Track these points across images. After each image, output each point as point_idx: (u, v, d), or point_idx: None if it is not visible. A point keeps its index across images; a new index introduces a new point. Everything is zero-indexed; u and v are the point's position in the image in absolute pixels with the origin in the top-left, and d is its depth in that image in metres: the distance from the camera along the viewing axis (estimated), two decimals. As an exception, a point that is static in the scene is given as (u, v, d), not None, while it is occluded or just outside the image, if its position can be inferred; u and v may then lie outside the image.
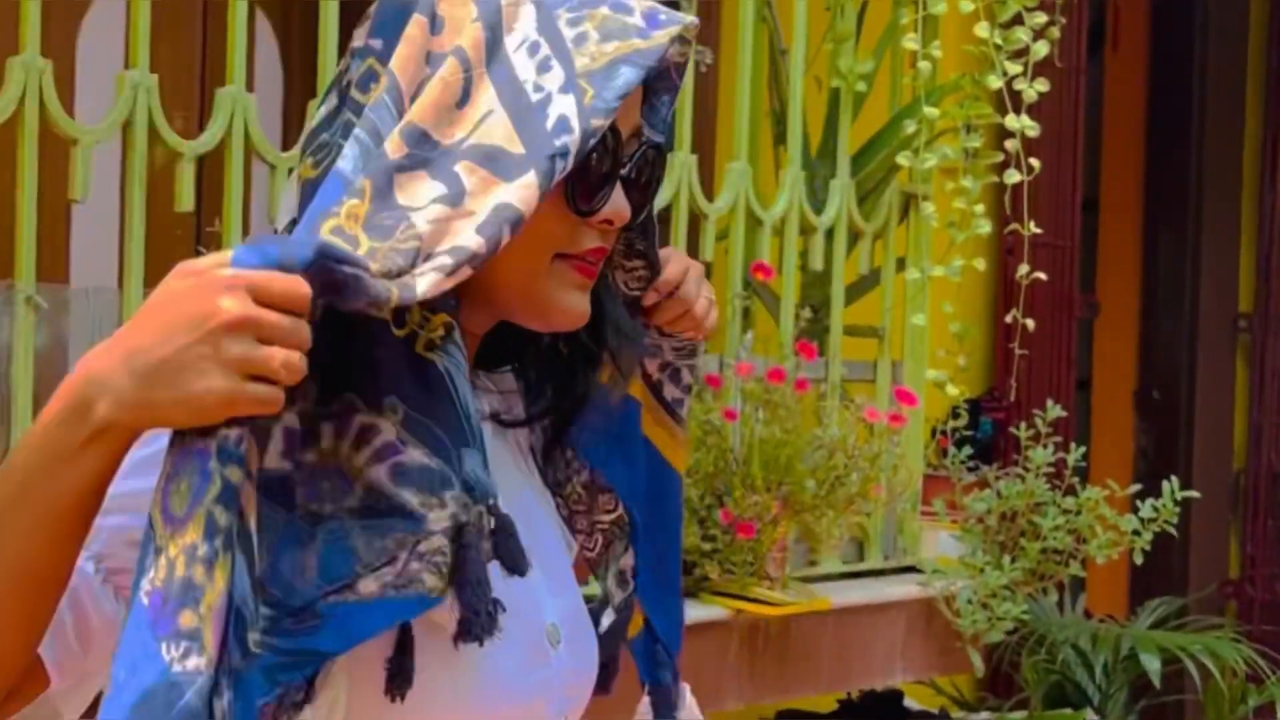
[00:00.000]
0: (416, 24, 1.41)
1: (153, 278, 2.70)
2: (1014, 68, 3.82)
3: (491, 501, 1.37)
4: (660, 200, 3.44)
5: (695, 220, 3.56)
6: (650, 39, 1.41)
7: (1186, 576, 6.06)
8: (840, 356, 3.82)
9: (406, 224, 1.34)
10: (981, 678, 4.34)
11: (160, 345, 1.22)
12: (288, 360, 1.23)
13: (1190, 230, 6.38)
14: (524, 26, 1.41)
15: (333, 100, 1.43)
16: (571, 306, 1.46)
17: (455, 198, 1.35)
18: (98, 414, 1.24)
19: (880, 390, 3.97)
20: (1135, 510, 3.83)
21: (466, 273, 1.34)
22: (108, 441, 1.25)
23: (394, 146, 1.37)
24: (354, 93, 1.41)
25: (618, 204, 1.44)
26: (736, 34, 3.72)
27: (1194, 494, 3.88)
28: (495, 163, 1.36)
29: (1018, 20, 3.85)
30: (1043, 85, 3.83)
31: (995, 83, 3.82)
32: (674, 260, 1.65)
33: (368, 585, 1.32)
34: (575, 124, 1.37)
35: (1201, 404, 6.34)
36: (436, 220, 1.34)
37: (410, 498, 1.33)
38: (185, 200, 2.78)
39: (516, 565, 1.39)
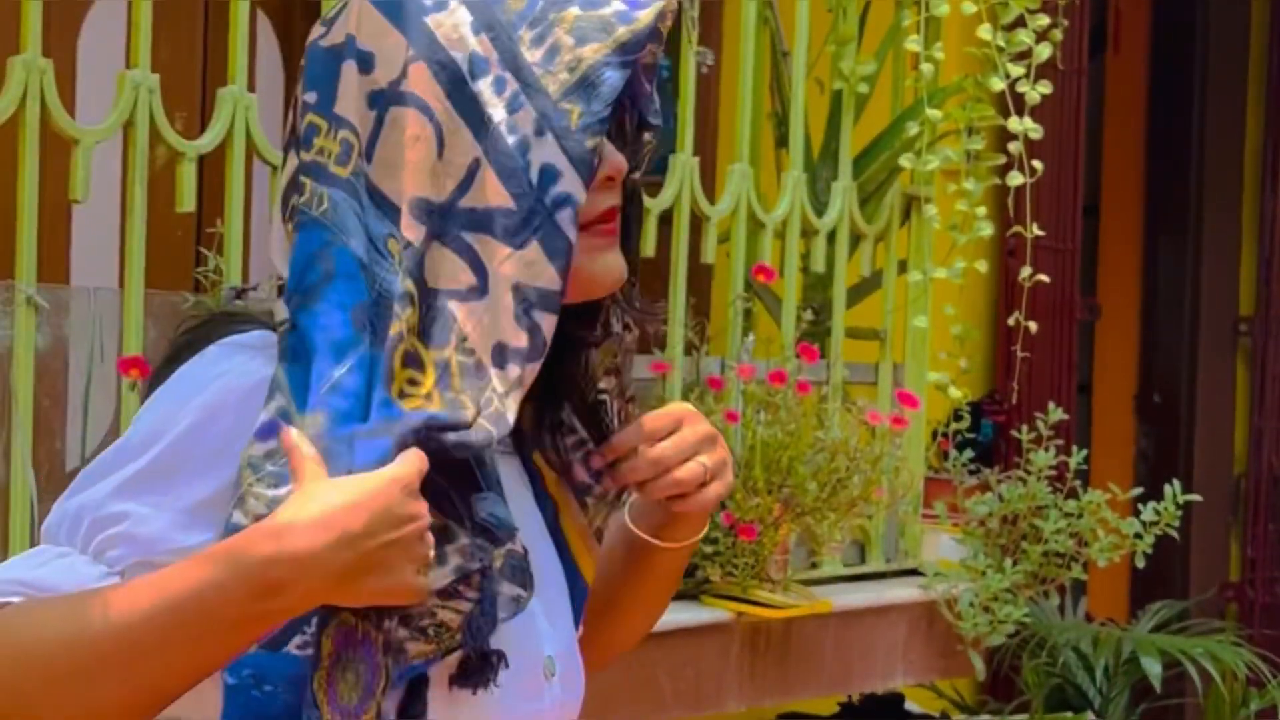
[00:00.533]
0: (347, 70, 1.39)
1: (153, 278, 2.70)
2: (1016, 70, 3.82)
3: (512, 538, 1.38)
4: (661, 203, 3.44)
5: (697, 222, 3.55)
6: (634, 22, 1.38)
7: (1187, 580, 6.05)
8: (842, 359, 3.81)
9: (454, 331, 1.35)
10: (982, 681, 4.34)
11: (371, 536, 1.25)
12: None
13: (1191, 234, 6.37)
14: (478, 51, 1.37)
15: (291, 160, 1.43)
16: (608, 271, 1.46)
17: (482, 287, 1.35)
18: (293, 595, 1.25)
19: (882, 393, 3.97)
20: (1137, 514, 3.83)
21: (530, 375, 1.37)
22: (282, 616, 1.27)
23: (410, 230, 1.36)
24: (302, 153, 1.40)
25: (613, 159, 1.43)
26: (738, 36, 3.72)
27: (1195, 497, 3.87)
28: (497, 226, 1.36)
29: (1020, 22, 3.85)
30: (1045, 87, 3.82)
31: (998, 85, 3.82)
32: (665, 413, 1.58)
33: None
34: (563, 165, 1.36)
35: (1202, 408, 6.33)
36: (479, 322, 1.35)
37: None
38: (186, 201, 2.77)
39: (527, 589, 1.41)
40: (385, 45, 1.38)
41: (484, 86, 1.37)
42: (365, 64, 1.39)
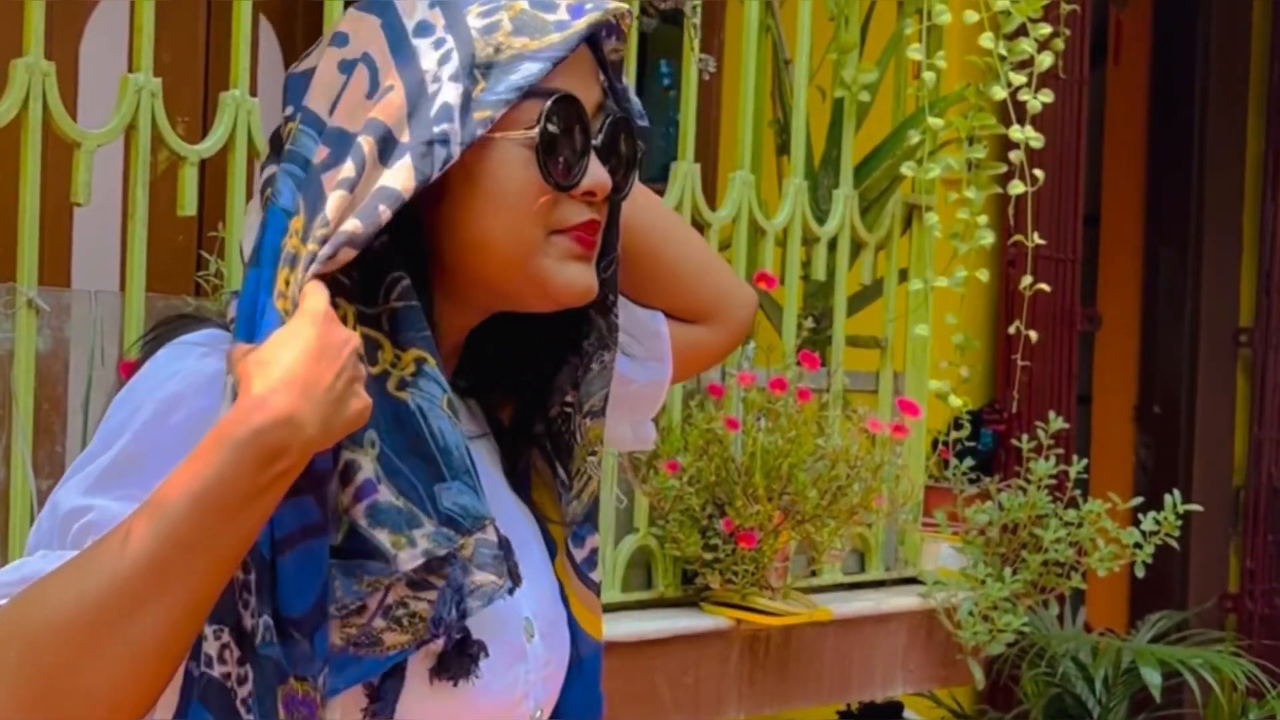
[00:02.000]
0: (326, 54, 1.46)
1: (155, 282, 2.70)
2: (1018, 79, 3.82)
3: (483, 527, 1.40)
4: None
5: (698, 229, 3.55)
6: (568, 29, 1.43)
7: (1186, 590, 6.05)
8: (842, 367, 3.81)
9: (321, 217, 1.38)
10: (981, 690, 4.33)
11: (324, 376, 1.29)
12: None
13: (1191, 245, 6.37)
14: (428, 18, 1.43)
15: (271, 164, 1.48)
16: (573, 279, 1.47)
17: (355, 181, 1.39)
18: (291, 456, 1.28)
19: (882, 401, 3.97)
20: (1137, 524, 3.83)
21: (348, 254, 1.37)
22: (287, 478, 1.29)
23: (319, 154, 1.41)
24: (286, 148, 1.45)
25: (596, 174, 1.46)
26: (740, 43, 3.71)
27: (1195, 507, 3.87)
28: (385, 144, 1.40)
29: (1022, 31, 3.85)
30: (1047, 96, 3.82)
31: (1000, 94, 3.82)
32: None
33: (334, 635, 1.36)
34: (456, 113, 1.39)
35: (1202, 419, 6.34)
36: (339, 208, 1.38)
37: (383, 538, 1.36)
38: (188, 204, 2.77)
39: (516, 581, 1.43)
40: (361, 27, 1.46)
41: (423, 44, 1.43)
42: (340, 40, 1.46)
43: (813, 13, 3.78)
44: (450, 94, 1.40)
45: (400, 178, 1.38)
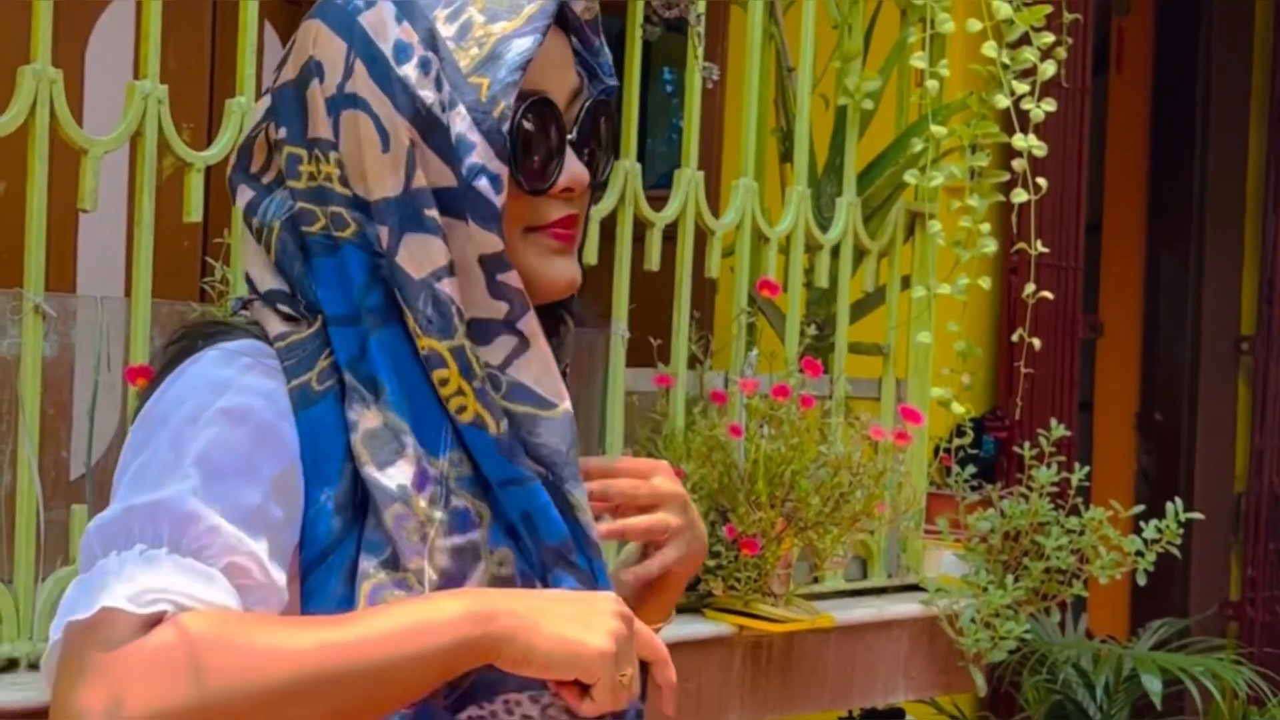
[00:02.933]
0: (313, 91, 1.44)
1: (160, 288, 2.70)
2: (1021, 87, 3.83)
3: None
4: (666, 217, 3.44)
5: (701, 236, 3.56)
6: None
7: (1187, 598, 6.05)
8: (845, 374, 3.81)
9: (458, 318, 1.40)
10: (983, 697, 4.34)
11: (572, 622, 1.33)
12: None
13: (1192, 253, 6.38)
14: (401, 38, 1.42)
15: (245, 192, 1.48)
16: (557, 274, 1.48)
17: (453, 262, 1.40)
18: (491, 658, 1.31)
19: (885, 408, 3.97)
20: (1138, 531, 3.83)
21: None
22: (481, 659, 1.32)
23: (381, 238, 1.41)
24: (292, 183, 1.45)
25: (572, 171, 1.46)
26: (744, 51, 3.72)
27: (1197, 515, 3.87)
28: (447, 202, 1.40)
29: (1025, 40, 3.86)
30: (1050, 105, 3.83)
31: (1003, 102, 3.83)
32: (645, 460, 1.64)
33: None
34: (475, 137, 1.39)
35: (1203, 426, 6.34)
36: (460, 299, 1.41)
37: None
38: (194, 211, 2.77)
39: None
40: (331, 53, 1.44)
41: (410, 70, 1.41)
42: (320, 74, 1.44)
43: (816, 21, 3.79)
44: (459, 123, 1.40)
45: (489, 241, 1.40)
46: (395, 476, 1.38)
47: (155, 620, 1.25)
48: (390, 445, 1.38)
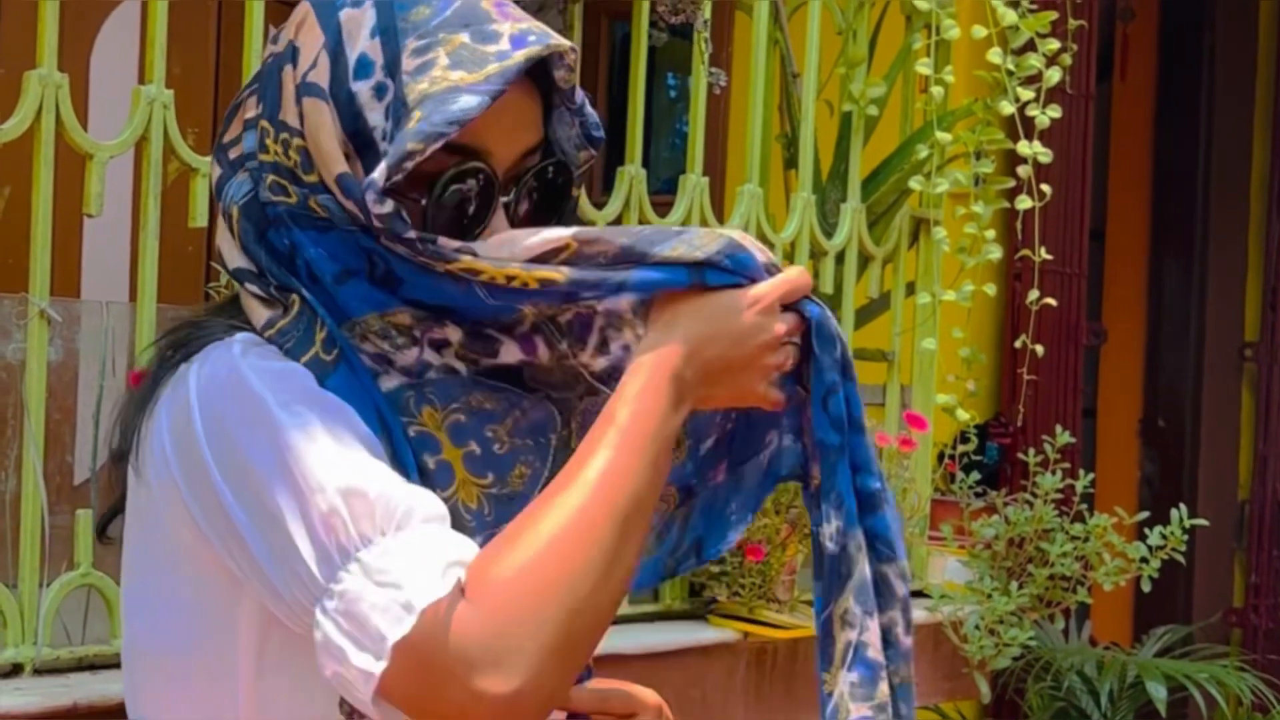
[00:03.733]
0: (286, 73, 1.45)
1: (165, 293, 2.70)
2: (1026, 94, 3.83)
3: None
4: (671, 221, 3.44)
5: (706, 242, 3.55)
6: (508, 60, 1.40)
7: (1191, 605, 6.05)
8: (849, 380, 3.80)
9: None
10: (987, 704, 4.33)
11: (726, 354, 1.43)
12: (793, 357, 1.47)
13: (1196, 259, 6.38)
14: (368, 53, 1.42)
15: (217, 170, 1.50)
16: None
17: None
18: (683, 409, 1.42)
19: (889, 414, 3.97)
20: (1143, 538, 3.83)
21: None
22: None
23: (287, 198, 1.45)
24: (261, 155, 1.46)
25: (495, 229, 1.45)
26: (749, 57, 3.72)
27: (1202, 522, 3.87)
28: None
29: (1030, 47, 3.86)
30: (1055, 111, 3.83)
31: (1007, 108, 3.83)
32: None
33: None
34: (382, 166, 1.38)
35: (1207, 433, 6.34)
36: None
37: None
38: (199, 216, 2.77)
39: None
40: (309, 40, 1.44)
41: (364, 87, 1.41)
42: (294, 59, 1.45)
43: (821, 27, 3.79)
44: (394, 154, 1.39)
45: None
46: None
47: (460, 588, 1.29)
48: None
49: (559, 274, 1.40)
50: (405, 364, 1.44)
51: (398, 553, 1.29)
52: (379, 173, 1.37)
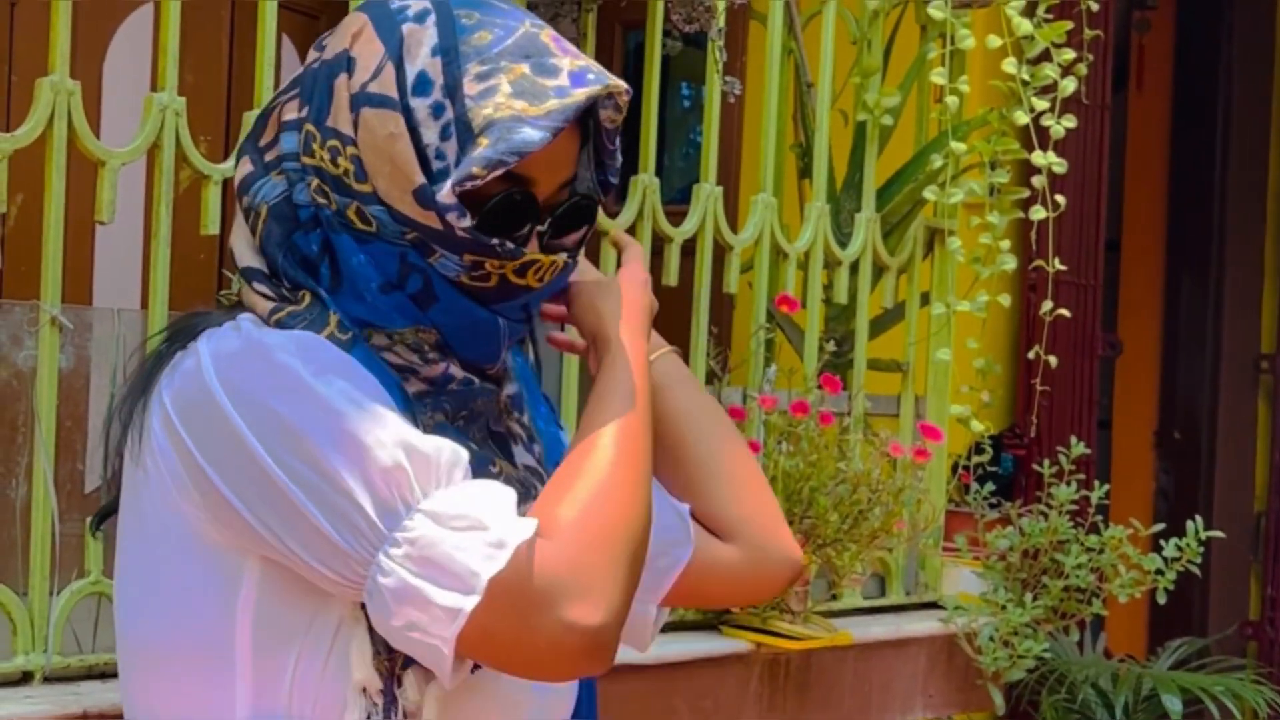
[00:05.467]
0: (340, 82, 1.47)
1: (177, 301, 2.69)
2: (1041, 104, 3.81)
3: None
4: (685, 233, 3.43)
5: (720, 252, 3.55)
6: (568, 98, 1.43)
7: (1206, 617, 6.03)
8: (864, 390, 3.80)
9: None
10: (1001, 716, 4.31)
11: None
12: None
13: (1212, 271, 6.36)
14: (428, 71, 1.44)
15: (246, 164, 1.53)
16: None
17: None
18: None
19: (904, 425, 3.95)
20: (1158, 550, 3.81)
21: None
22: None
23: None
24: (304, 158, 1.48)
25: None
26: (763, 67, 3.71)
27: (1218, 533, 3.86)
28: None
29: (1045, 56, 3.84)
30: (1070, 121, 3.82)
31: (1023, 118, 3.81)
32: None
33: None
34: (448, 193, 1.43)
35: (1222, 445, 6.31)
36: None
37: None
38: (211, 223, 2.77)
39: None
40: (367, 51, 1.46)
41: (421, 104, 1.44)
42: (350, 69, 1.47)
43: (835, 37, 3.78)
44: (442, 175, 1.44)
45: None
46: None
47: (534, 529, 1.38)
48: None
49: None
50: (430, 376, 1.49)
51: (470, 499, 1.37)
52: (445, 190, 1.41)
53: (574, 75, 1.45)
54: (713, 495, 1.68)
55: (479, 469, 1.45)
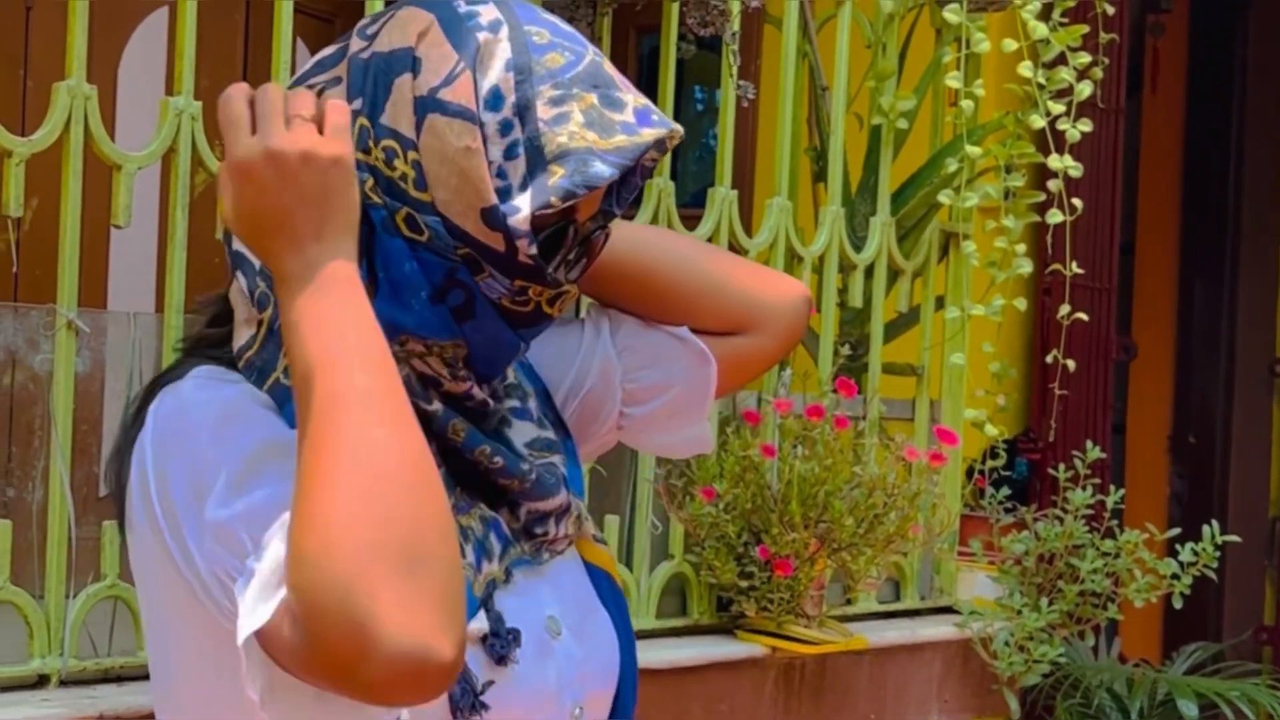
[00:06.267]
0: (403, 82, 1.41)
1: (192, 304, 2.69)
2: (1057, 107, 3.81)
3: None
4: (700, 236, 3.43)
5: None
6: (636, 136, 1.42)
7: (1221, 622, 6.01)
8: (879, 394, 3.79)
9: None
10: (1016, 721, 4.31)
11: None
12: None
13: (1227, 275, 6.35)
14: (496, 85, 1.40)
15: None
16: None
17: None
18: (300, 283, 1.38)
19: (919, 429, 3.95)
20: (1173, 554, 3.80)
21: None
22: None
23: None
24: (358, 154, 1.42)
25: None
26: (778, 70, 3.71)
27: (1234, 538, 3.85)
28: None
29: (1061, 60, 3.84)
30: (1086, 125, 3.81)
31: (1038, 122, 3.81)
32: None
33: None
34: (522, 218, 1.40)
35: (1237, 449, 6.30)
36: None
37: None
38: (227, 227, 2.76)
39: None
40: (436, 54, 1.41)
41: (491, 120, 1.39)
42: (415, 69, 1.41)
43: (850, 40, 3.78)
44: (522, 201, 1.40)
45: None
46: None
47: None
48: None
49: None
50: (454, 391, 1.47)
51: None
52: (523, 215, 1.39)
53: (639, 113, 1.43)
54: (708, 310, 1.70)
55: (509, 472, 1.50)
